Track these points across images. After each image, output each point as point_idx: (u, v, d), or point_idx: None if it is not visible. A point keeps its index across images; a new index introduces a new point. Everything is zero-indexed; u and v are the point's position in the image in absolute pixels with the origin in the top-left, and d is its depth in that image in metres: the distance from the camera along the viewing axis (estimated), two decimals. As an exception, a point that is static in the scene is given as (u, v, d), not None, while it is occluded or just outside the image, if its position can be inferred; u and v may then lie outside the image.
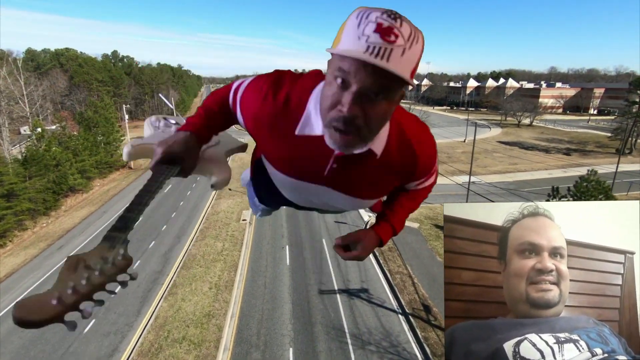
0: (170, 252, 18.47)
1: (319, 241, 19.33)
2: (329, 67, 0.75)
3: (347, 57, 0.68)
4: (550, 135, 55.68)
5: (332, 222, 21.55)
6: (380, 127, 0.78)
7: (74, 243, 19.91)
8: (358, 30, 0.66)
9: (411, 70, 0.70)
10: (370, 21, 0.66)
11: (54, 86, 64.92)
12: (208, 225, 21.67)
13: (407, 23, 0.68)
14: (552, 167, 37.23)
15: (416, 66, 0.71)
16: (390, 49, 0.65)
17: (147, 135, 1.26)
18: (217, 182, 1.10)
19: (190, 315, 13.39)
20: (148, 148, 1.08)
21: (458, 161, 41.59)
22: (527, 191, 29.07)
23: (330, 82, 0.73)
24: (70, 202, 27.99)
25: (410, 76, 0.69)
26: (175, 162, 0.92)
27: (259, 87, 0.91)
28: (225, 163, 1.18)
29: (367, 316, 13.21)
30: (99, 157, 33.14)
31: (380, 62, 0.64)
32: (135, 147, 1.09)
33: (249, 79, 1.00)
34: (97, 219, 23.32)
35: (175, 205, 25.12)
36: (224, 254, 18.06)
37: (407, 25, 0.67)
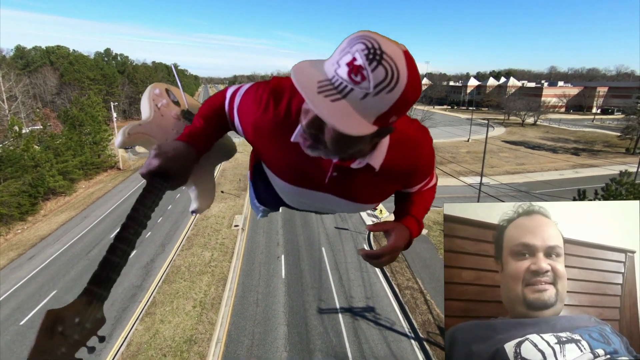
0: (153, 262, 16.57)
1: (317, 250, 17.48)
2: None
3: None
4: (556, 134, 54.08)
5: (332, 229, 19.72)
6: (351, 151, 0.75)
7: (47, 253, 17.97)
8: (339, 56, 0.63)
9: (377, 115, 0.63)
10: (350, 52, 0.61)
11: (43, 84, 62.88)
12: (197, 232, 19.78)
13: (384, 68, 0.59)
14: (562, 167, 35.53)
15: (386, 113, 0.63)
16: (351, 88, 0.61)
17: (145, 117, 1.10)
18: (198, 207, 1.08)
19: (169, 341, 11.51)
20: (144, 138, 1.03)
21: (463, 161, 39.84)
22: (539, 193, 27.32)
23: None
24: (51, 206, 26.05)
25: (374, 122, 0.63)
26: (168, 177, 0.87)
27: (258, 97, 0.89)
28: (211, 179, 1.11)
29: (374, 341, 11.37)
30: (84, 157, 31.18)
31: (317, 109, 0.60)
32: (132, 135, 1.01)
33: (245, 86, 0.98)
34: (76, 226, 21.37)
35: (162, 209, 23.20)
36: (212, 265, 16.18)
37: (384, 71, 0.59)
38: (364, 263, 16.06)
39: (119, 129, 14.02)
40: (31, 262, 17.07)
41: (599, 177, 30.28)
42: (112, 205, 24.61)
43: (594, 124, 63.39)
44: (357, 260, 16.32)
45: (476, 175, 33.16)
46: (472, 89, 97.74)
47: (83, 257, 17.42)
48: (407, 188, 1.02)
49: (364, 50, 0.59)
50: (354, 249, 17.38)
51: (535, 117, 61.98)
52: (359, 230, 19.36)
